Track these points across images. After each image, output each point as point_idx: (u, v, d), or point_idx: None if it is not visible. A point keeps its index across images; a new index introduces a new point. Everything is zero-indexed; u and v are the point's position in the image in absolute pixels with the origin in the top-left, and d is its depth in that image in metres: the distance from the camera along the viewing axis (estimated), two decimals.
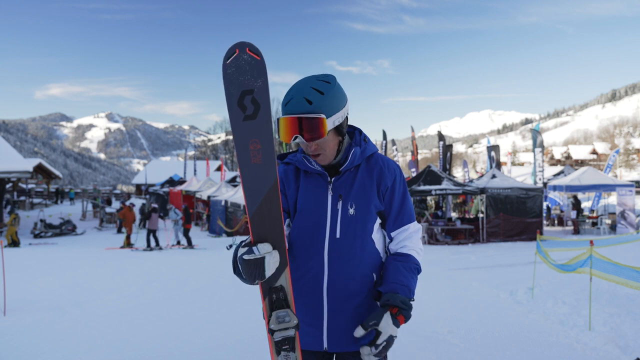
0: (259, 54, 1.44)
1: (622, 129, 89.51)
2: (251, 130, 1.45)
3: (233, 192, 21.92)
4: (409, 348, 4.56)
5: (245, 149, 1.45)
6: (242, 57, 1.44)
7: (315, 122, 1.59)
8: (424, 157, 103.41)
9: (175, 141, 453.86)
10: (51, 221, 23.60)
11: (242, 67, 1.44)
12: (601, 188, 19.67)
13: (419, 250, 1.85)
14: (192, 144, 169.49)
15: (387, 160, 1.86)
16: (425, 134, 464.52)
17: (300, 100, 1.61)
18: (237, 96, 1.44)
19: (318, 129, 1.60)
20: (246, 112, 1.45)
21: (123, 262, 12.03)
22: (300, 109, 1.60)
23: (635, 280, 4.63)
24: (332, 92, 1.65)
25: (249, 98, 1.44)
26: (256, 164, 1.46)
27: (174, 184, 34.69)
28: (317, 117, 1.59)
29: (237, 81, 1.44)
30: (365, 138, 1.86)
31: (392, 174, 1.83)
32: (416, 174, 19.50)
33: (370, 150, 1.84)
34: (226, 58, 1.45)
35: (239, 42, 1.44)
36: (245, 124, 1.45)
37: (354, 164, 1.78)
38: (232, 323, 5.53)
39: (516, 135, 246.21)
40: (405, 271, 1.74)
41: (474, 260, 11.71)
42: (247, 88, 1.44)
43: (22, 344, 4.91)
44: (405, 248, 1.82)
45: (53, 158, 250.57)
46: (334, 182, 1.78)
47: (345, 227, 1.75)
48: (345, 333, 1.75)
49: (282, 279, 1.53)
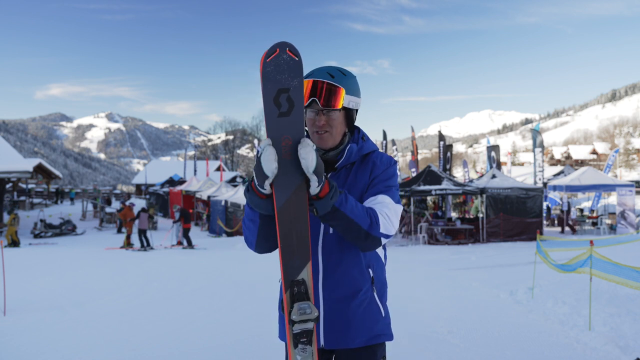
0: (298, 55, 1.51)
1: (622, 129, 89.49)
2: (284, 127, 1.51)
3: (233, 192, 21.92)
4: (409, 348, 4.56)
5: (278, 144, 1.51)
6: (281, 57, 1.50)
7: (334, 90, 1.68)
8: (424, 157, 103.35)
9: (175, 141, 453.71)
10: (51, 221, 23.59)
11: (281, 66, 1.50)
12: (601, 188, 19.67)
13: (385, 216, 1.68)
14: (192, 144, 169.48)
15: (381, 156, 1.86)
16: (425, 134, 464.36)
17: (322, 73, 1.72)
18: (274, 93, 1.50)
19: (335, 96, 1.67)
20: (281, 109, 1.50)
21: (123, 262, 12.03)
22: (322, 78, 1.70)
23: (635, 280, 4.63)
24: (352, 78, 1.78)
25: (285, 96, 1.50)
26: (286, 159, 1.51)
27: (174, 184, 34.68)
28: (337, 85, 1.69)
29: (274, 79, 1.50)
30: (363, 136, 1.88)
31: (384, 165, 1.82)
32: (416, 174, 19.51)
33: (368, 148, 1.85)
34: (267, 56, 1.50)
35: (280, 41, 1.50)
36: (279, 120, 1.51)
37: (349, 160, 1.80)
38: (232, 323, 5.53)
39: (516, 135, 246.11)
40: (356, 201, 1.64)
41: (474, 260, 11.70)
42: (284, 86, 1.50)
43: (22, 344, 4.91)
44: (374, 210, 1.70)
45: (53, 158, 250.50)
46: (329, 178, 1.78)
47: None
48: (342, 330, 1.75)
49: (304, 272, 1.57)
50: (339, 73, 1.74)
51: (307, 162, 1.46)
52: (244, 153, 69.24)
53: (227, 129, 67.21)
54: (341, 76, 1.73)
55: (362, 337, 1.76)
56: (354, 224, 1.61)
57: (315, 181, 1.49)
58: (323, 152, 1.81)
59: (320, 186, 1.51)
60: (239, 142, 67.51)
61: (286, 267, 1.55)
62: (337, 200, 1.56)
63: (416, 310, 6.17)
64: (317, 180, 1.49)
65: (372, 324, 1.79)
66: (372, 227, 1.64)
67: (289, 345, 1.59)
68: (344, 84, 1.72)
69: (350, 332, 1.76)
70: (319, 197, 1.53)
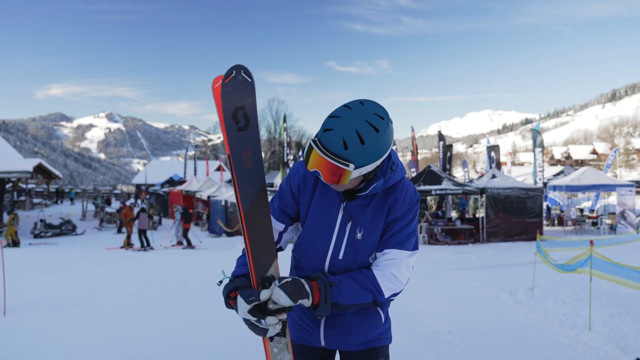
0: (251, 77, 1.67)
1: (622, 129, 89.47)
2: (243, 140, 1.66)
3: (233, 192, 21.90)
4: (409, 348, 4.56)
5: (239, 155, 1.66)
6: (237, 78, 1.66)
7: (338, 171, 1.50)
8: (424, 157, 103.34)
9: (175, 141, 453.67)
10: (51, 221, 23.59)
11: (237, 86, 1.65)
12: (601, 188, 19.68)
13: (391, 277, 1.64)
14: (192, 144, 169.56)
15: (406, 190, 1.73)
16: (425, 134, 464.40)
17: (338, 139, 1.50)
18: (232, 111, 1.65)
19: (338, 176, 1.52)
20: (239, 124, 1.66)
21: (123, 262, 12.03)
22: (332, 148, 1.50)
23: (635, 280, 4.63)
24: (375, 141, 1.51)
25: (242, 113, 1.66)
26: (247, 167, 1.67)
27: (174, 184, 34.66)
28: (342, 167, 1.49)
29: (232, 98, 1.65)
30: (393, 165, 1.69)
31: (406, 206, 1.72)
32: (416, 174, 19.51)
33: (394, 180, 1.71)
34: (225, 78, 1.64)
35: (236, 65, 1.65)
36: (238, 134, 1.66)
37: (372, 192, 1.69)
38: (232, 323, 5.52)
39: (516, 135, 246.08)
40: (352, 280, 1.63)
41: (474, 260, 11.71)
42: (240, 104, 1.66)
43: (22, 344, 4.91)
44: (376, 267, 1.68)
45: (53, 158, 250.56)
46: (347, 202, 1.73)
47: (349, 249, 1.72)
48: (341, 334, 1.77)
49: (272, 269, 1.67)
50: (357, 140, 1.49)
51: (285, 301, 1.52)
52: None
53: None
54: (357, 146, 1.49)
55: (359, 341, 1.77)
56: (358, 305, 1.64)
57: (304, 302, 1.55)
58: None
59: (311, 300, 1.56)
60: None
61: (256, 265, 1.66)
62: (333, 297, 1.59)
63: (416, 310, 6.18)
64: (305, 300, 1.55)
65: (370, 329, 1.79)
66: (377, 298, 1.65)
67: (265, 340, 1.66)
68: (357, 159, 1.50)
69: (347, 336, 1.77)
70: (315, 305, 1.58)
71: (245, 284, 1.65)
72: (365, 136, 1.50)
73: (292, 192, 1.83)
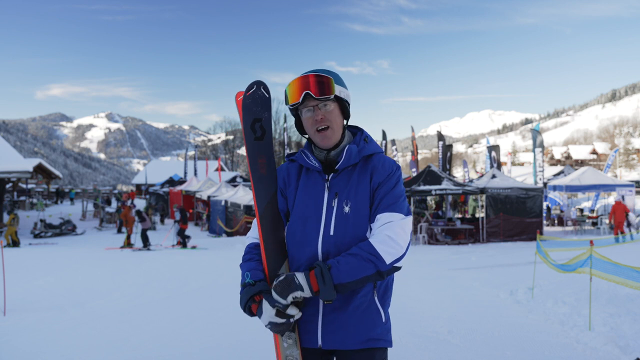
0: (269, 93, 1.87)
1: (622, 129, 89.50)
2: (259, 149, 1.86)
3: (233, 192, 21.90)
4: (409, 348, 4.56)
5: (255, 162, 1.85)
6: (257, 93, 1.86)
7: (325, 79, 1.74)
8: (424, 157, 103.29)
9: (175, 141, 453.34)
10: (51, 221, 23.58)
11: (256, 100, 1.86)
12: (601, 188, 19.69)
13: (387, 240, 1.65)
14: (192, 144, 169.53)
15: (384, 159, 1.84)
16: (425, 134, 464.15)
17: (311, 71, 1.80)
18: (251, 122, 1.85)
19: (327, 85, 1.74)
20: (256, 134, 1.86)
21: (123, 262, 12.02)
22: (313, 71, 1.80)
23: (635, 280, 4.63)
24: (337, 74, 1.85)
25: (259, 124, 1.86)
26: (263, 174, 1.85)
27: (174, 184, 34.63)
28: (326, 75, 1.76)
29: (251, 110, 1.85)
30: (366, 138, 1.89)
31: (386, 171, 1.80)
32: (416, 174, 19.51)
33: (370, 150, 1.84)
34: (246, 91, 1.85)
35: (257, 80, 1.87)
36: (255, 143, 1.86)
37: (349, 162, 1.79)
38: (232, 323, 5.52)
39: (516, 135, 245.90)
40: (349, 256, 1.65)
41: (474, 260, 11.71)
42: (258, 117, 1.86)
43: (22, 344, 4.91)
44: (371, 236, 1.71)
45: (53, 158, 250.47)
46: (331, 180, 1.81)
47: (339, 224, 1.74)
48: (338, 331, 1.73)
49: (283, 268, 1.79)
50: (324, 70, 1.82)
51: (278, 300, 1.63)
52: (244, 153, 69.30)
53: (227, 129, 67.16)
54: (327, 71, 1.81)
55: (358, 339, 1.73)
56: (362, 279, 1.64)
57: (297, 294, 1.63)
58: (326, 152, 1.83)
59: (309, 289, 1.62)
60: (239, 142, 67.42)
61: (269, 265, 1.78)
62: (334, 278, 1.61)
63: (416, 310, 6.17)
64: (298, 292, 1.62)
65: (370, 327, 1.75)
66: (379, 267, 1.64)
67: (277, 336, 1.74)
68: (332, 76, 1.80)
69: (347, 333, 1.73)
70: (316, 292, 1.63)
71: (268, 288, 1.72)
72: (328, 69, 1.84)
73: (281, 190, 1.92)
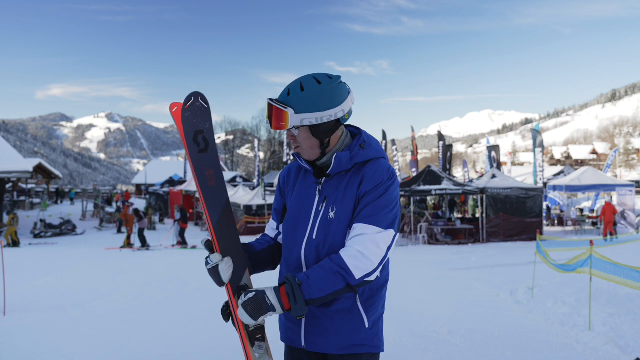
0: (207, 103, 1.79)
1: (622, 129, 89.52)
2: (205, 161, 1.78)
3: (233, 192, 21.90)
4: (409, 348, 4.56)
5: (202, 174, 1.77)
6: (195, 104, 1.77)
7: (279, 113, 1.67)
8: (424, 157, 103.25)
9: (175, 141, 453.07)
10: (51, 221, 23.57)
11: (195, 112, 1.77)
12: (601, 188, 19.70)
13: (357, 255, 1.57)
14: None
15: (377, 167, 1.72)
16: (425, 134, 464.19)
17: (286, 89, 1.71)
18: (192, 134, 1.76)
19: (280, 120, 1.67)
20: (199, 147, 1.77)
21: (123, 262, 12.03)
22: (280, 97, 1.71)
23: (635, 280, 4.63)
24: (316, 91, 1.66)
25: (201, 136, 1.78)
26: (212, 186, 1.78)
27: (174, 184, 34.63)
28: (281, 108, 1.66)
29: (192, 123, 1.77)
30: (362, 143, 1.76)
31: (376, 181, 1.69)
32: (416, 174, 19.51)
33: (364, 157, 1.73)
34: (184, 104, 1.75)
35: (194, 92, 1.77)
36: (200, 155, 1.77)
37: (340, 168, 1.72)
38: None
39: (516, 135, 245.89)
40: (320, 269, 1.59)
41: (474, 260, 11.71)
42: (199, 128, 1.77)
43: (22, 344, 4.91)
44: (343, 248, 1.64)
45: (53, 158, 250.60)
46: (323, 184, 1.77)
47: (321, 229, 1.71)
48: (319, 334, 1.71)
49: (244, 278, 1.75)
50: (298, 88, 1.66)
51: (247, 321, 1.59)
52: (244, 153, 69.15)
53: (227, 129, 67.12)
54: (298, 92, 1.65)
55: (340, 344, 1.70)
56: (333, 293, 1.58)
57: (268, 316, 1.59)
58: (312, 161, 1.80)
59: (281, 307, 1.56)
60: (239, 142, 67.44)
61: (233, 274, 1.73)
62: (305, 294, 1.55)
63: (416, 310, 6.17)
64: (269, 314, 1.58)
65: (352, 332, 1.70)
66: (348, 280, 1.57)
67: (247, 345, 1.70)
68: (297, 104, 1.64)
69: (327, 337, 1.70)
70: (288, 310, 1.57)
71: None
72: (306, 86, 1.67)
73: (280, 188, 1.94)
